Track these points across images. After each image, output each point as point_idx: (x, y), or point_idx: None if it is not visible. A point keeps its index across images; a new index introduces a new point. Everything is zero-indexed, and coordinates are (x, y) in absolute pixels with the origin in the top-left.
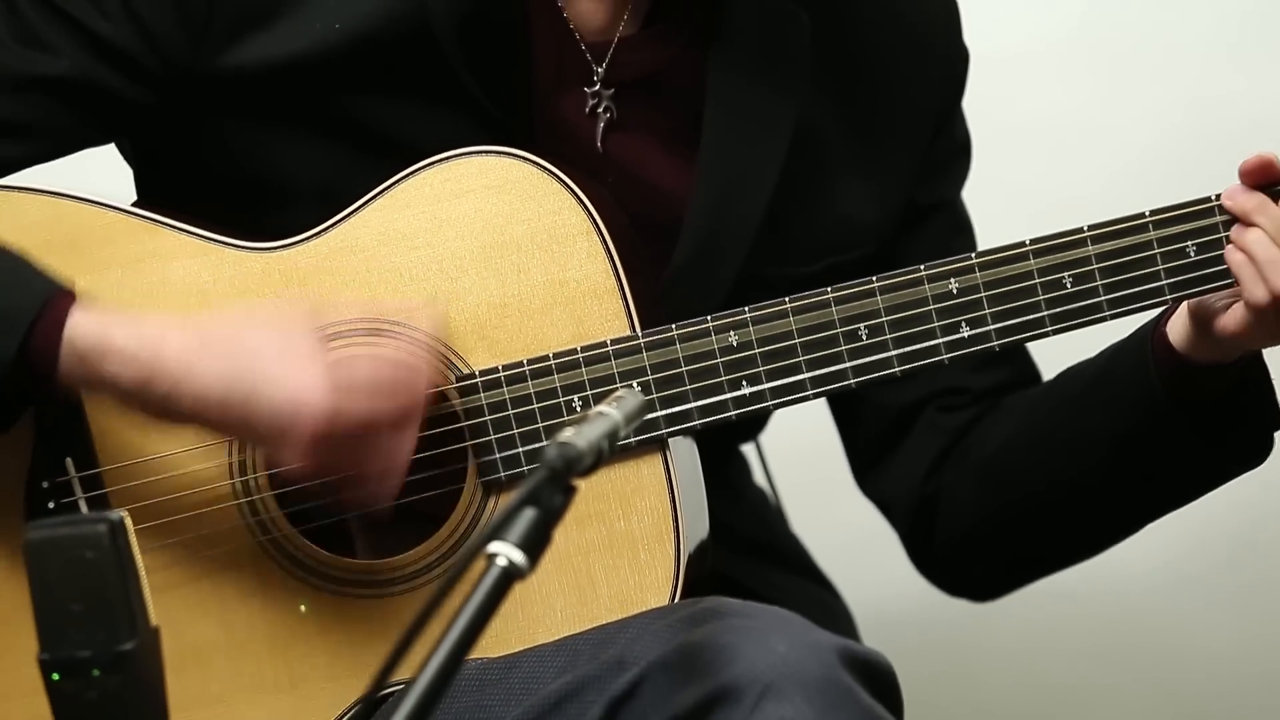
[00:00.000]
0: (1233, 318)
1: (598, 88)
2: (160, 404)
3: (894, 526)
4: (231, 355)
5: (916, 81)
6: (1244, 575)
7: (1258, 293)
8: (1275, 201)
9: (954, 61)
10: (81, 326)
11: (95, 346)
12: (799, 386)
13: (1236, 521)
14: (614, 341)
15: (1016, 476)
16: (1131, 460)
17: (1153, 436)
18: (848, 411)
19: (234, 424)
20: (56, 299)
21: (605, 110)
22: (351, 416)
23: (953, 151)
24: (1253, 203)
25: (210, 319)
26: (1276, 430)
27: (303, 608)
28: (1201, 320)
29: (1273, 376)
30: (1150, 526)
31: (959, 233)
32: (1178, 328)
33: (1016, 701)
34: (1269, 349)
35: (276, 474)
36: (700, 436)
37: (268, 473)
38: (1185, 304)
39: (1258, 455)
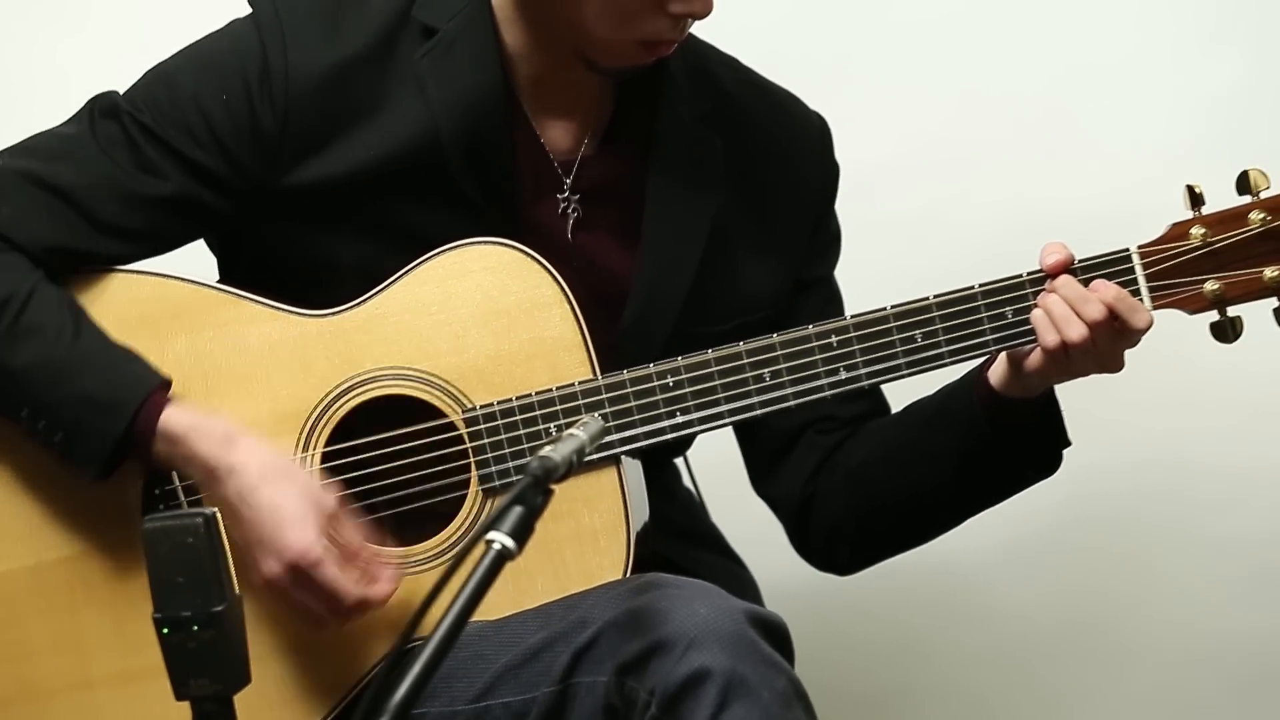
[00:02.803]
0: (1035, 359)
1: (566, 194)
2: (217, 491)
3: (780, 520)
4: (274, 487)
5: (800, 188)
6: (1037, 552)
7: (1049, 338)
8: (1074, 277)
9: (828, 173)
10: (172, 421)
11: (182, 439)
12: (719, 416)
13: (1034, 513)
14: (581, 383)
15: (873, 482)
16: (960, 470)
17: (975, 453)
18: (748, 433)
19: (250, 523)
20: (154, 394)
21: (573, 211)
22: (318, 575)
23: (828, 240)
24: (1060, 278)
25: (264, 454)
26: (1064, 449)
27: None
28: (1015, 364)
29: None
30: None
31: (832, 300)
32: (996, 372)
33: (877, 650)
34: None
35: (329, 482)
36: (644, 453)
37: (323, 483)
38: (1004, 354)
39: (1051, 467)
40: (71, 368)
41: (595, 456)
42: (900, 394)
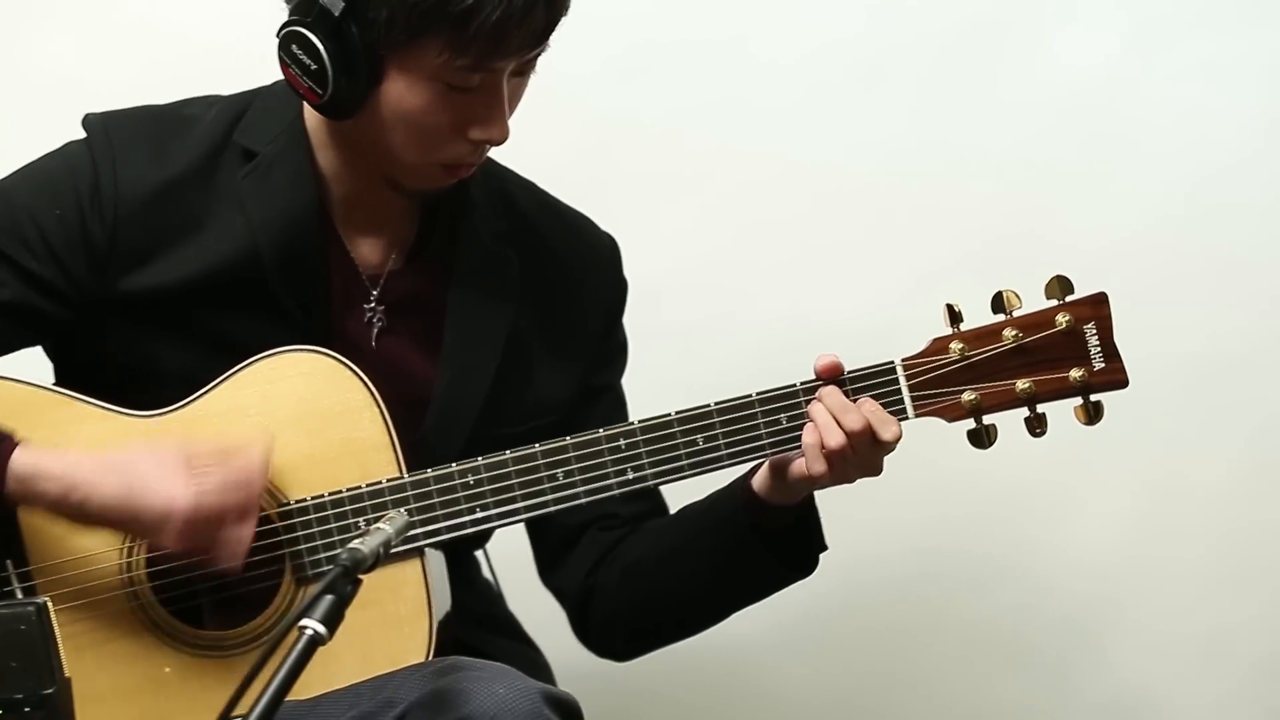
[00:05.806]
0: (799, 464)
1: (373, 305)
2: (77, 509)
3: (564, 608)
4: (124, 473)
5: (590, 302)
6: (811, 633)
7: (810, 439)
8: (841, 387)
9: (616, 289)
10: (19, 460)
11: (31, 473)
12: (515, 511)
13: (807, 596)
14: (389, 481)
15: (646, 579)
16: (726, 569)
17: (739, 554)
18: (538, 528)
19: (128, 520)
20: (1, 442)
21: (379, 321)
22: (206, 510)
23: (615, 350)
24: (826, 389)
25: (111, 451)
26: (821, 553)
27: (167, 669)
28: (779, 471)
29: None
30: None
31: (619, 406)
32: (760, 479)
33: None
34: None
35: (153, 570)
36: (446, 545)
37: (147, 571)
38: (769, 461)
39: (807, 568)
40: None
41: (401, 549)
42: (682, 494)
